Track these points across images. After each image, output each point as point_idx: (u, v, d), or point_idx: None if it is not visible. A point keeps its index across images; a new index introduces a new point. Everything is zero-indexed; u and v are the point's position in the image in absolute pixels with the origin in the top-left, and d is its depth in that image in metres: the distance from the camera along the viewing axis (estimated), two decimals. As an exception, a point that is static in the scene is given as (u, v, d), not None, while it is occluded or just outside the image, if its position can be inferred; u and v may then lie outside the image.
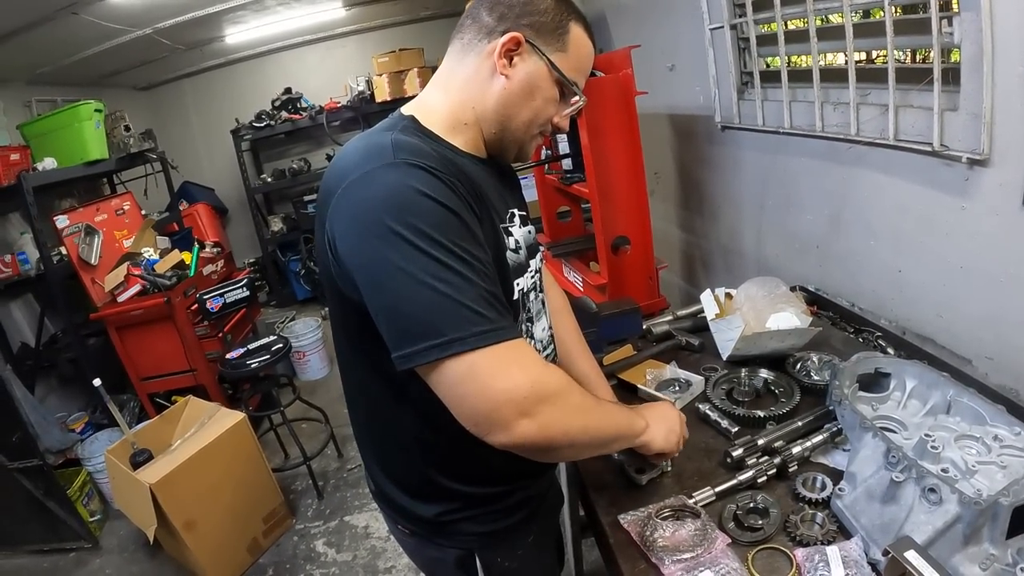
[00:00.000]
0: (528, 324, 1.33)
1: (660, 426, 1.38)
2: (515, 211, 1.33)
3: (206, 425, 3.13)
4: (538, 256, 1.41)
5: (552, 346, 1.45)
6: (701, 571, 1.23)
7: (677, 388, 1.86)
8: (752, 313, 1.97)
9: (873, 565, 1.24)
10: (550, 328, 1.45)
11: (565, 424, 1.10)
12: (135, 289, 3.83)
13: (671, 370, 1.93)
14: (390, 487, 1.38)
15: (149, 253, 4.13)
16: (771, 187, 2.62)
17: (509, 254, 1.23)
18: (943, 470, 1.30)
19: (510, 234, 1.26)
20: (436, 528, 1.36)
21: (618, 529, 1.39)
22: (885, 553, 1.16)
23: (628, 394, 1.88)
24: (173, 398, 3.81)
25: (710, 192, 3.14)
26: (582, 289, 3.15)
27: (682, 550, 1.28)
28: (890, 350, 1.94)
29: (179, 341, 3.87)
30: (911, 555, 1.12)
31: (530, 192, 4.02)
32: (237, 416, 3.18)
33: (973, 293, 1.77)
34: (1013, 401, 1.59)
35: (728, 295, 2.12)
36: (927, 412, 1.53)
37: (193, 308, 3.96)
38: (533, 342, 1.33)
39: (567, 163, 3.14)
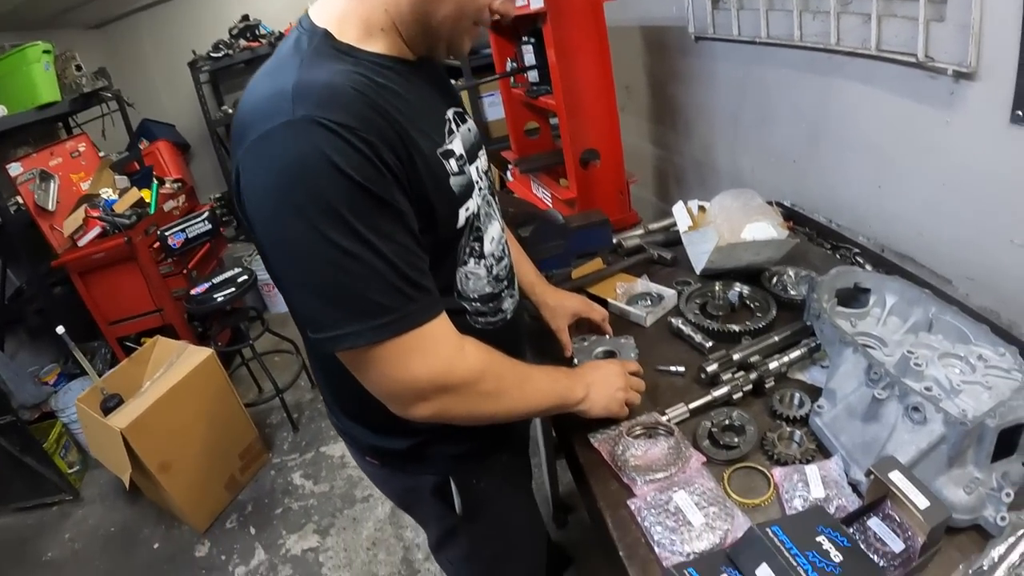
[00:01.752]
0: (476, 244, 1.19)
1: (600, 391, 1.32)
2: (450, 113, 1.16)
3: (175, 364, 3.07)
4: (482, 156, 1.27)
5: (506, 258, 1.32)
6: (675, 491, 1.17)
7: (649, 302, 1.78)
8: (727, 225, 1.87)
9: (854, 486, 1.19)
10: (503, 231, 1.33)
11: (468, 410, 1.10)
12: (95, 232, 3.68)
13: (642, 284, 1.84)
14: (354, 427, 1.32)
15: (108, 194, 3.95)
16: (746, 100, 2.50)
17: (453, 180, 1.08)
18: (926, 388, 1.23)
19: (450, 155, 1.09)
20: (408, 457, 1.30)
21: (589, 448, 1.32)
22: (868, 474, 1.11)
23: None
24: (142, 340, 3.69)
25: (683, 106, 3.01)
26: (551, 204, 3.03)
27: (655, 469, 1.22)
28: (868, 267, 1.87)
29: (143, 281, 3.74)
30: (895, 476, 1.07)
31: (496, 109, 3.85)
32: (205, 352, 3.11)
33: (955, 211, 1.70)
34: (995, 323, 1.55)
35: (701, 207, 2.02)
36: (908, 329, 1.47)
37: (155, 246, 3.80)
38: (483, 261, 1.21)
39: (533, 75, 2.96)
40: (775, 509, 1.18)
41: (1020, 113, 1.43)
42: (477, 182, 1.18)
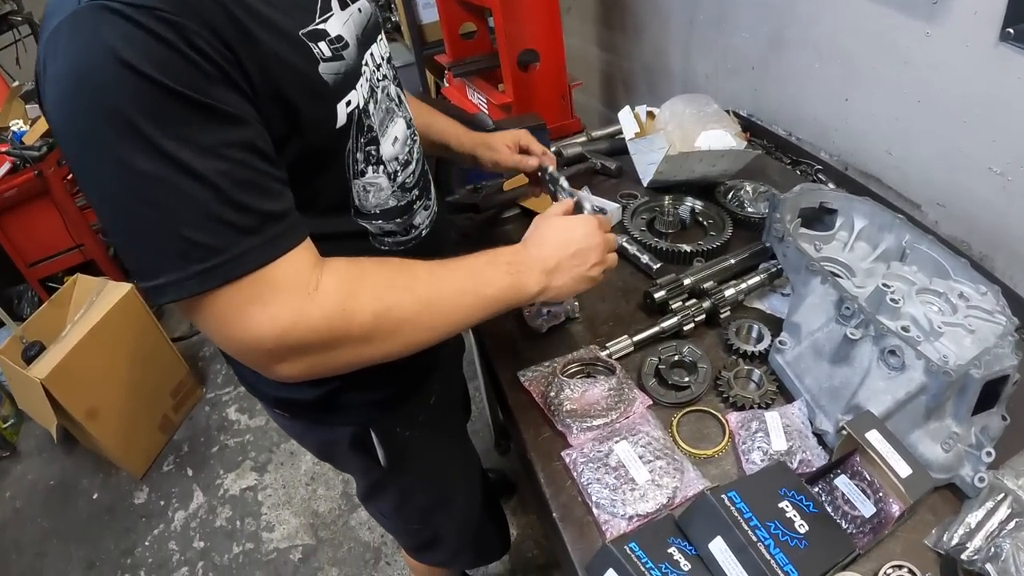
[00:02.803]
0: (371, 148, 0.96)
1: (567, 274, 1.01)
2: None
3: (95, 303, 2.83)
4: (381, 41, 1.02)
5: (414, 163, 1.08)
6: (616, 441, 0.99)
7: (590, 218, 1.58)
8: (678, 133, 1.67)
9: (819, 436, 1.04)
10: (410, 132, 1.08)
11: (349, 361, 0.85)
12: (5, 167, 3.30)
13: (583, 197, 1.62)
14: (252, 375, 1.07)
15: (18, 126, 3.55)
16: (703, 0, 2.26)
17: (324, 67, 0.84)
18: (903, 328, 1.08)
19: (320, 36, 0.85)
20: (319, 408, 1.09)
21: (518, 388, 1.13)
22: (840, 429, 0.96)
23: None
24: (64, 279, 3.42)
25: (632, 6, 2.75)
26: (487, 112, 2.78)
27: (593, 415, 1.04)
28: (832, 185, 1.71)
29: (60, 217, 3.45)
30: (873, 437, 0.92)
31: (431, 11, 3.52)
32: (125, 288, 2.86)
33: (930, 131, 1.55)
34: (966, 254, 1.42)
35: (650, 113, 1.80)
36: (877, 257, 1.32)
37: (70, 177, 3.44)
38: (382, 167, 0.98)
39: (466, -32, 2.70)
40: (730, 460, 1.02)
41: (1011, 31, 1.27)
42: (366, 70, 0.94)
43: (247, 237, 0.72)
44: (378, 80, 0.97)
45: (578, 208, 1.15)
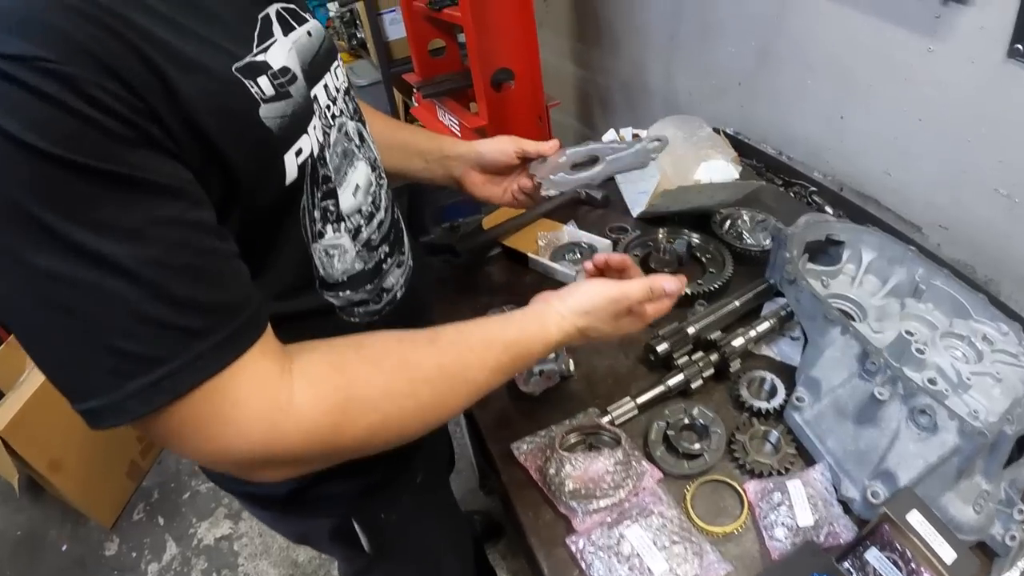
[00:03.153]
0: (328, 203, 0.80)
1: (601, 323, 0.88)
2: (273, 10, 0.74)
3: None
4: (336, 71, 0.86)
5: (380, 212, 0.92)
6: (626, 525, 0.89)
7: (578, 255, 1.46)
8: (669, 159, 1.57)
9: (845, 504, 0.94)
10: (375, 175, 0.91)
11: (341, 458, 0.70)
12: None
13: (570, 232, 1.52)
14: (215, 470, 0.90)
15: None
16: (686, 13, 2.16)
17: (266, 109, 0.66)
18: (930, 380, 0.99)
19: (260, 70, 0.67)
20: (291, 503, 0.95)
21: (512, 463, 1.02)
22: (872, 504, 0.86)
23: (519, 264, 1.48)
24: None
25: (610, 20, 2.65)
26: (459, 135, 2.66)
27: (599, 494, 0.93)
28: (828, 208, 1.63)
29: None
30: (915, 518, 0.83)
31: (398, 27, 3.36)
32: None
33: (932, 151, 1.47)
34: (971, 279, 1.35)
35: (636, 136, 1.71)
36: (888, 292, 1.24)
37: None
38: (343, 224, 0.82)
39: (436, -18, 2.56)
40: (751, 537, 0.92)
41: (1020, 47, 1.20)
42: (318, 107, 0.78)
43: (195, 340, 0.57)
44: (333, 118, 0.82)
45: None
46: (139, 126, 0.54)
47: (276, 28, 0.72)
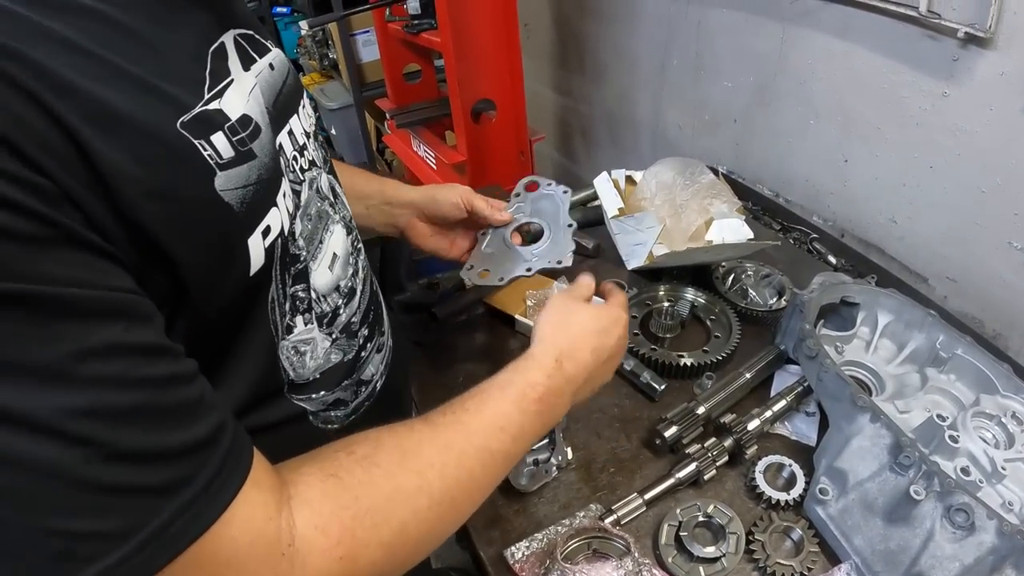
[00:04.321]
0: (299, 288, 0.66)
1: (597, 375, 0.82)
2: (229, 39, 0.60)
3: None
4: (303, 112, 0.72)
5: (364, 285, 0.81)
6: (640, 654, 0.77)
7: (571, 314, 1.35)
8: (668, 208, 1.48)
9: (874, 612, 0.84)
10: (351, 238, 0.79)
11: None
12: None
13: (559, 289, 1.40)
14: None
15: None
16: (677, 44, 2.07)
17: (226, 178, 0.52)
18: (962, 470, 0.91)
19: (215, 123, 0.53)
20: None
21: (506, 572, 0.89)
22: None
23: (505, 326, 1.36)
24: None
25: (595, 48, 2.55)
26: (435, 169, 2.54)
27: (608, 614, 0.82)
28: (832, 258, 1.54)
29: None
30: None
31: (372, 49, 3.23)
32: None
33: (942, 201, 1.39)
34: (979, 333, 1.31)
35: (630, 179, 1.61)
36: (904, 359, 1.15)
37: None
38: (313, 313, 0.69)
39: (413, 6, 2.44)
40: (774, 656, 0.82)
41: None
42: (285, 159, 0.64)
43: (165, 499, 0.44)
44: (302, 171, 0.67)
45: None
46: (49, 218, 0.39)
47: (233, 62, 0.58)
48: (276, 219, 0.59)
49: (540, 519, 0.95)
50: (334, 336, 0.72)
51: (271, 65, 0.65)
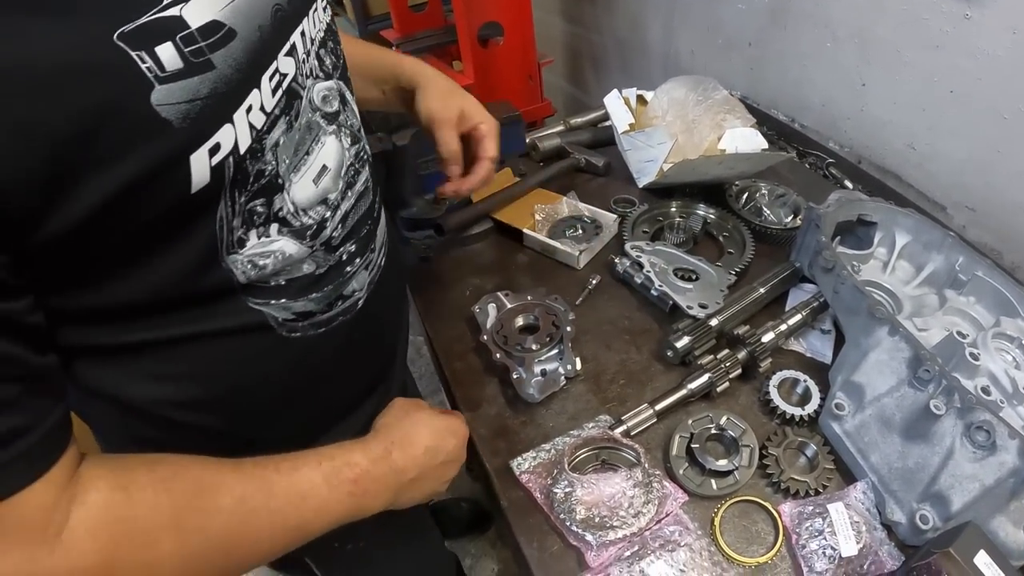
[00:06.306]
0: (257, 203, 0.61)
1: (430, 476, 0.79)
2: None
3: None
4: (314, 13, 0.67)
5: (358, 200, 0.76)
6: (649, 559, 0.75)
7: (580, 231, 1.31)
8: (680, 124, 1.43)
9: (889, 528, 0.82)
10: (354, 150, 0.74)
11: None
12: None
13: (569, 205, 1.37)
14: None
15: None
16: (689, -38, 2.00)
17: (161, 92, 0.49)
18: (983, 389, 0.88)
19: (167, 31, 0.49)
20: None
21: (512, 483, 0.88)
22: (938, 549, 0.73)
23: (512, 241, 1.32)
24: None
25: (604, -31, 2.47)
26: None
27: (615, 523, 0.80)
28: (848, 183, 1.50)
29: None
30: (983, 561, 0.70)
31: None
32: None
33: (963, 127, 1.34)
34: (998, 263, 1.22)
35: (641, 98, 1.55)
36: (923, 281, 1.12)
37: None
38: (277, 226, 0.64)
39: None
40: (786, 567, 0.80)
41: None
42: (292, 62, 0.61)
43: None
44: (303, 77, 0.63)
45: None
46: None
47: None
48: (228, 136, 0.55)
49: (547, 430, 0.93)
50: (312, 248, 0.69)
51: None
